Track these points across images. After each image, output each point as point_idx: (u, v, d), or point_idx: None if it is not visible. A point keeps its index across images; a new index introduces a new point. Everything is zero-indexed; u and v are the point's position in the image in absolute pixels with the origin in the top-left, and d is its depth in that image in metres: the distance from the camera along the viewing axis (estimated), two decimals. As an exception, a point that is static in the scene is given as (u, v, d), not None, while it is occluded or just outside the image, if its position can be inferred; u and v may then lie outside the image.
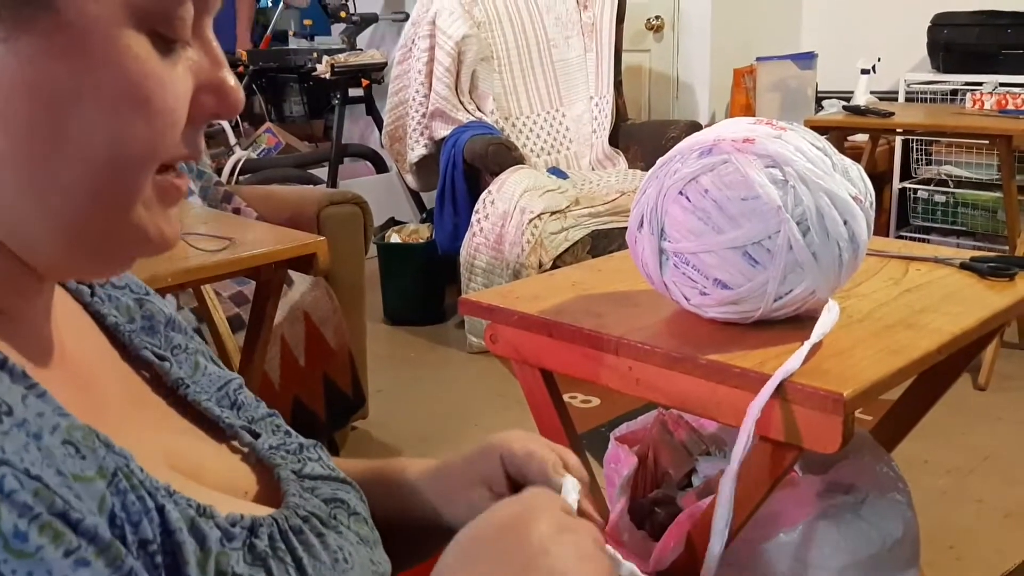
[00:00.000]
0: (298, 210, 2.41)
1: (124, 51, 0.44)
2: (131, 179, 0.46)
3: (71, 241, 0.47)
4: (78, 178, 0.45)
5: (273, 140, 4.39)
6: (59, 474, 0.42)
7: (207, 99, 0.49)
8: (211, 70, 0.49)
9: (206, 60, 0.49)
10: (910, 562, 1.19)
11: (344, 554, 0.57)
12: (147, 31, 0.45)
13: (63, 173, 0.44)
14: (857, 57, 3.47)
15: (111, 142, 0.45)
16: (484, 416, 2.71)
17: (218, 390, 0.66)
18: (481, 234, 3.14)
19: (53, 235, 0.46)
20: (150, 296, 0.67)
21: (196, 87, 0.49)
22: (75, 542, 0.40)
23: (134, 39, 0.45)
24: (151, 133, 0.46)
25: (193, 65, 0.48)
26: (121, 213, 0.47)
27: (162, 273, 1.42)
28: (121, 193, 0.46)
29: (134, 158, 0.46)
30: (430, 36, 3.41)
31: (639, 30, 4.13)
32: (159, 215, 0.49)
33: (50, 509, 0.40)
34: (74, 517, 0.40)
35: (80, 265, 0.50)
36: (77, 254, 0.48)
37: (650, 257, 1.03)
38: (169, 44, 0.46)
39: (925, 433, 1.47)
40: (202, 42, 0.49)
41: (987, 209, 3.68)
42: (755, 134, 0.98)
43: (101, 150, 0.44)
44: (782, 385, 0.91)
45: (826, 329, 0.98)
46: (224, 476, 0.59)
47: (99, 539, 0.41)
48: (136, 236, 0.48)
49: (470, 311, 1.21)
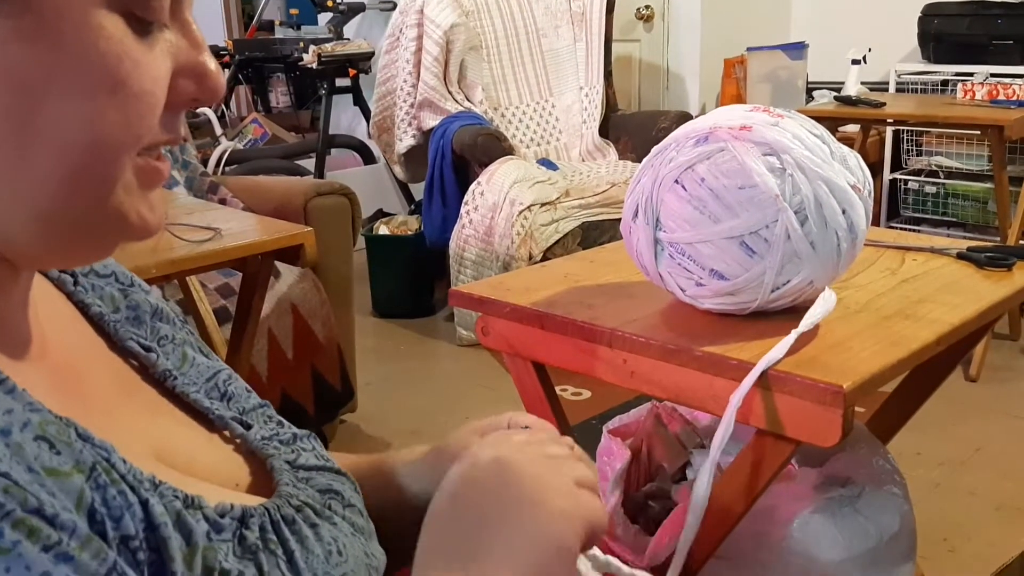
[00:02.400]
0: (285, 201, 2.38)
1: (97, 32, 0.43)
2: (109, 163, 0.45)
3: (49, 228, 0.45)
4: (54, 164, 0.43)
5: (259, 130, 4.36)
6: (30, 471, 0.40)
7: (186, 83, 0.48)
8: (190, 53, 0.48)
9: (185, 43, 0.48)
10: (907, 555, 1.18)
11: (338, 546, 0.56)
12: (121, 11, 0.44)
13: (39, 159, 0.43)
14: (848, 47, 3.46)
15: (87, 126, 0.43)
16: (474, 409, 2.69)
17: (207, 381, 0.64)
18: (470, 226, 3.12)
19: (31, 223, 0.45)
20: (135, 286, 0.65)
21: (175, 71, 0.47)
22: (55, 536, 0.39)
23: (108, 19, 0.43)
24: (128, 116, 0.44)
25: (172, 48, 0.47)
26: (100, 198, 0.45)
27: (147, 264, 1.40)
28: (99, 178, 0.45)
29: (111, 142, 0.44)
30: (418, 25, 3.38)
31: (629, 20, 4.11)
32: (139, 200, 0.47)
33: (23, 506, 0.39)
34: (49, 512, 0.39)
35: (60, 253, 0.48)
36: (56, 242, 0.46)
37: (645, 247, 1.01)
38: (145, 25, 0.45)
39: (917, 425, 1.46)
40: (181, 25, 0.48)
41: (978, 200, 3.68)
42: (752, 121, 0.96)
43: (77, 135, 0.43)
44: (781, 377, 0.89)
45: (816, 318, 0.96)
46: (216, 467, 0.58)
47: (79, 533, 0.40)
48: (116, 221, 0.47)
49: (461, 303, 1.18)
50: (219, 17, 5.33)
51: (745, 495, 0.99)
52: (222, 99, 0.50)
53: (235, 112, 4.91)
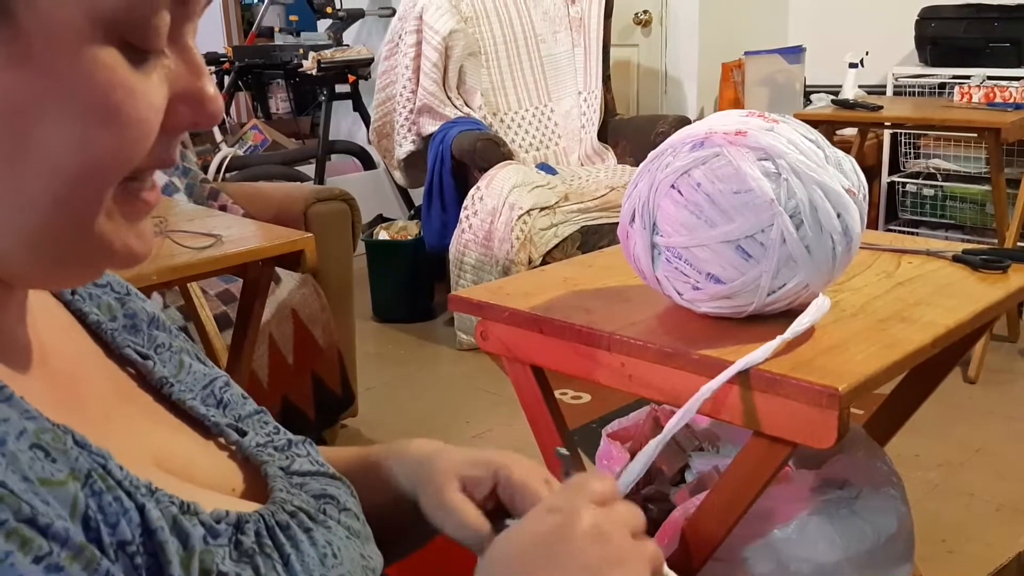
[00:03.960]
0: (285, 207, 2.39)
1: (90, 62, 0.42)
2: (94, 190, 0.45)
3: (36, 252, 0.45)
4: (43, 189, 0.43)
5: (259, 137, 4.37)
6: (25, 480, 0.41)
7: (183, 109, 0.47)
8: (189, 80, 0.47)
9: (184, 69, 0.47)
10: (904, 557, 1.18)
11: (333, 549, 0.56)
12: (117, 41, 0.43)
13: (29, 183, 0.43)
14: (845, 51, 3.47)
15: (78, 152, 0.43)
16: (474, 413, 2.70)
17: (203, 388, 0.65)
18: (470, 231, 3.13)
19: (18, 246, 0.45)
20: (131, 295, 0.66)
21: (172, 96, 0.47)
22: (46, 547, 0.39)
23: (101, 50, 0.43)
24: (120, 144, 0.44)
25: (170, 74, 0.46)
26: (83, 224, 0.45)
27: (148, 271, 1.41)
28: (83, 204, 0.45)
29: (101, 169, 0.44)
30: (417, 31, 3.39)
31: (627, 25, 4.12)
32: (124, 229, 0.47)
33: (16, 515, 0.39)
34: (42, 522, 0.40)
35: (46, 276, 0.49)
36: (41, 265, 0.47)
37: (642, 252, 1.02)
38: (141, 54, 0.44)
39: (915, 427, 1.46)
40: (181, 50, 0.47)
41: (976, 202, 3.68)
42: (747, 127, 0.97)
43: (69, 160, 0.43)
44: (777, 380, 0.90)
45: (803, 325, 0.96)
46: (212, 473, 0.58)
47: (71, 543, 0.40)
48: (100, 248, 0.47)
49: (460, 308, 1.19)
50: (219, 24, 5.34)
51: (743, 497, 0.99)
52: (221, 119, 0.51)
53: (235, 118, 4.92)
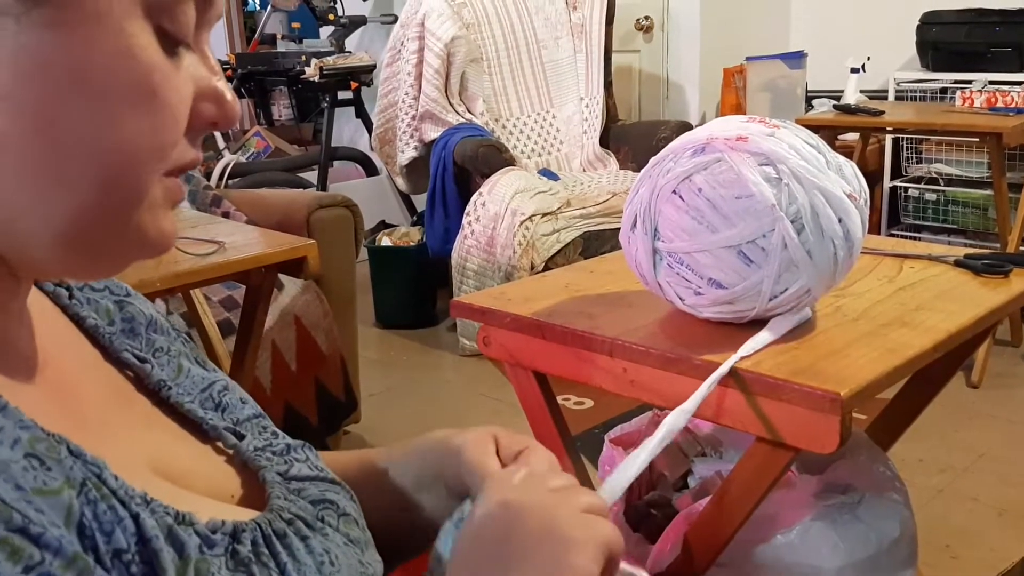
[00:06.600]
0: (288, 214, 2.40)
1: (132, 38, 0.43)
2: (139, 176, 0.45)
3: (68, 239, 0.45)
4: (83, 170, 0.43)
5: (262, 144, 4.37)
6: (18, 488, 0.41)
7: (206, 107, 0.49)
8: (209, 79, 0.49)
9: (203, 69, 0.48)
10: (908, 562, 1.18)
11: (330, 557, 0.56)
12: (154, 25, 0.44)
13: (69, 164, 0.43)
14: (846, 56, 3.47)
15: (112, 130, 0.43)
16: (477, 419, 2.70)
17: (202, 392, 0.64)
18: (472, 236, 3.13)
19: (50, 232, 0.44)
20: (131, 297, 0.66)
21: (196, 94, 0.48)
22: (37, 556, 0.39)
23: (143, 30, 0.44)
24: (153, 127, 0.45)
25: (193, 72, 0.48)
26: (126, 212, 0.46)
27: (151, 278, 1.41)
28: (129, 190, 0.45)
29: (140, 152, 0.45)
30: (419, 38, 3.40)
31: (629, 30, 4.12)
32: (162, 216, 0.48)
33: (8, 525, 0.39)
34: (35, 531, 0.40)
35: (72, 264, 0.48)
36: (72, 253, 0.46)
37: (643, 257, 1.02)
38: (173, 44, 0.46)
39: (919, 432, 1.46)
40: (200, 52, 0.49)
41: (978, 207, 3.68)
42: (748, 132, 0.98)
43: (108, 142, 0.43)
44: (779, 385, 0.90)
45: (788, 327, 0.98)
46: (210, 479, 0.58)
47: (64, 552, 0.40)
48: (136, 237, 0.47)
49: (462, 314, 1.19)
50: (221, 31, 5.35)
51: (745, 503, 0.99)
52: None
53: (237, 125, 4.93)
